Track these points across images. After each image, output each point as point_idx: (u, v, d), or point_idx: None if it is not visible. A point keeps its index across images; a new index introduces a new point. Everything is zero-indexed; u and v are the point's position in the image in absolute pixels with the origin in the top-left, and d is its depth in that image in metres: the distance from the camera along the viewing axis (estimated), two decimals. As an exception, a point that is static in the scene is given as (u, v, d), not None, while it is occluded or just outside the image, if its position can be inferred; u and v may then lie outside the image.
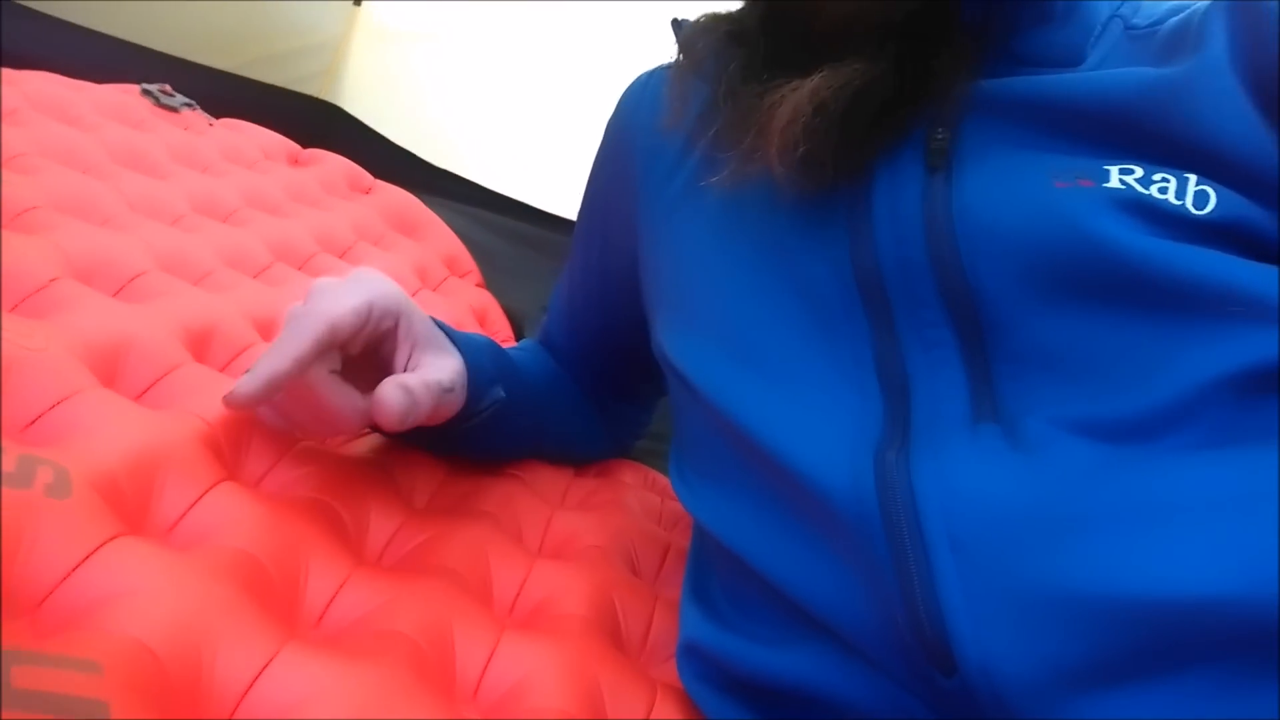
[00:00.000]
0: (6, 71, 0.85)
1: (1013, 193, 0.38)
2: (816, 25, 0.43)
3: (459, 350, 0.50)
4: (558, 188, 1.34)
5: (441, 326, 0.51)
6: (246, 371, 0.43)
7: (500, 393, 0.54)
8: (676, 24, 0.51)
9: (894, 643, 0.35)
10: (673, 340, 0.49)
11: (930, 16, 0.40)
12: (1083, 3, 0.43)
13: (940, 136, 0.40)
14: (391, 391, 0.43)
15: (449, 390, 0.47)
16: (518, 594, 0.48)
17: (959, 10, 0.40)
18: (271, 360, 0.41)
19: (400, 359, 0.47)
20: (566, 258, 0.71)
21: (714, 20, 0.48)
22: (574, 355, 0.70)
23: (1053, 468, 0.34)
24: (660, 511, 0.66)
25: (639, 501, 0.65)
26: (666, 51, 0.52)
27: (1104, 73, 0.39)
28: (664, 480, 0.73)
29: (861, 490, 0.36)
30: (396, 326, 0.47)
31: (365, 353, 0.47)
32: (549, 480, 0.63)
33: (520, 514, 0.56)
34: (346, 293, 0.44)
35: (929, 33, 0.40)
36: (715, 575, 0.47)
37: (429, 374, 0.46)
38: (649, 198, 0.55)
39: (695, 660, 0.44)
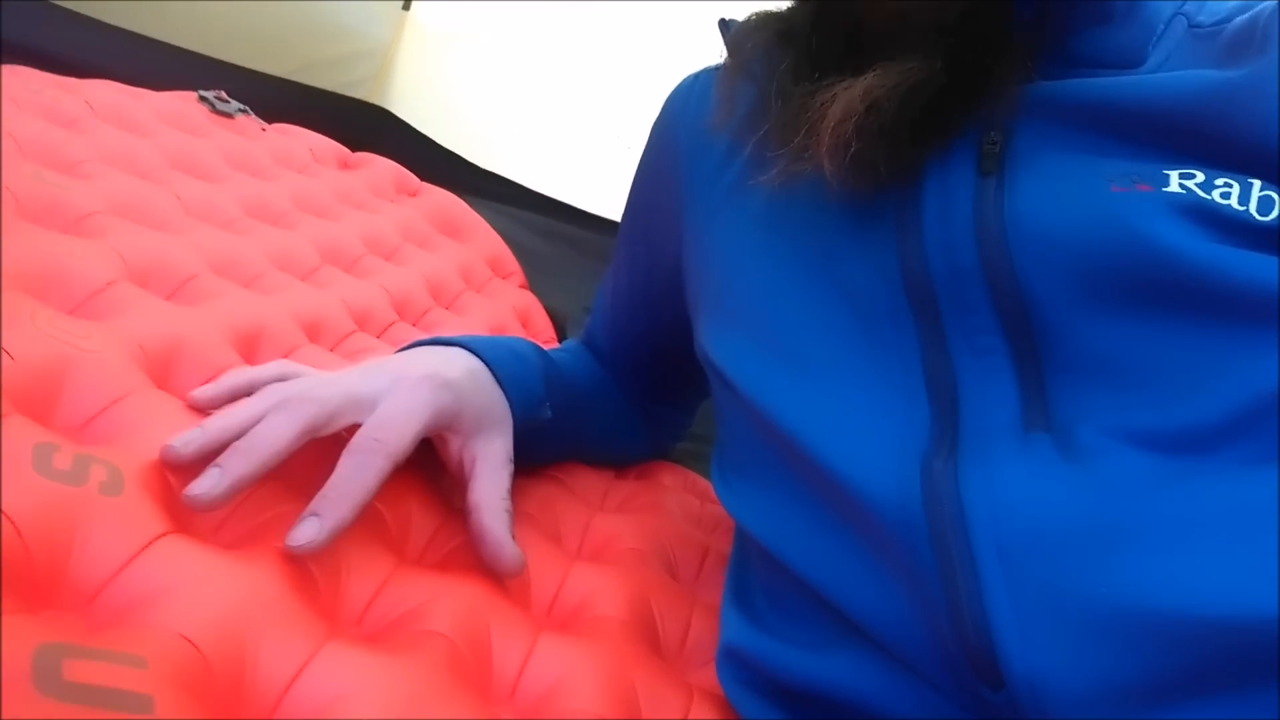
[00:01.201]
0: (69, 80, 0.87)
1: (1067, 197, 0.37)
2: (868, 24, 0.42)
3: (504, 389, 0.51)
4: (600, 188, 1.34)
5: (487, 352, 0.51)
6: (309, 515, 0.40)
7: (547, 412, 0.55)
8: (724, 24, 0.50)
9: (939, 654, 0.34)
10: (716, 341, 0.49)
11: (984, 16, 0.39)
12: (1145, 2, 0.41)
13: (993, 140, 0.39)
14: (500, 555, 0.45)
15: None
16: (556, 595, 0.48)
17: (1014, 10, 0.39)
18: (338, 505, 0.40)
19: (452, 452, 0.48)
20: (609, 258, 0.71)
21: (763, 20, 0.48)
22: (617, 357, 0.70)
23: (1105, 479, 0.33)
24: (700, 515, 0.65)
25: (678, 504, 0.64)
26: (712, 52, 0.52)
27: (1164, 75, 0.38)
28: (704, 483, 0.72)
29: (907, 498, 0.35)
30: (449, 427, 0.47)
31: None
32: (588, 482, 0.63)
33: (559, 516, 0.56)
34: (409, 412, 0.44)
35: (983, 32, 0.39)
36: (756, 579, 0.47)
37: (494, 486, 0.47)
38: (694, 198, 0.55)
39: (735, 664, 0.44)
